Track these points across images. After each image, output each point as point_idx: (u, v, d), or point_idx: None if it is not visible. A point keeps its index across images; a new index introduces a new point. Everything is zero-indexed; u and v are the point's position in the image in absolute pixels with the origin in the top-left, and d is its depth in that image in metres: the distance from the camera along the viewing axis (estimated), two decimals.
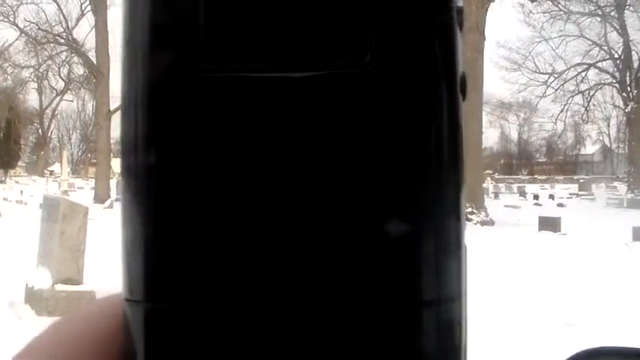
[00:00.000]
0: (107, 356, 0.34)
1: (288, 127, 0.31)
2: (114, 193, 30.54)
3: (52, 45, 44.57)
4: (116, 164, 42.65)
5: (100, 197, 29.90)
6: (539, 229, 18.01)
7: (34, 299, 7.07)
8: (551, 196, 37.62)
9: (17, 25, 44.91)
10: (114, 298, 0.35)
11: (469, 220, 20.24)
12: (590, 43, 48.22)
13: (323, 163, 0.31)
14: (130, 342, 0.32)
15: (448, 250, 0.32)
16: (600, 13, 45.90)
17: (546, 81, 50.48)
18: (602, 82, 50.69)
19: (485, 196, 25.38)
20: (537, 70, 51.13)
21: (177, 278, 0.31)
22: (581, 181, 47.80)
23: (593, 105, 55.32)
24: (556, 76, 50.21)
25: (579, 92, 51.44)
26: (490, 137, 79.41)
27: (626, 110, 45.06)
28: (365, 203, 0.31)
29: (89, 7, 38.00)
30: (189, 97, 0.31)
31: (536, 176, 74.25)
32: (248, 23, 0.31)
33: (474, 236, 16.41)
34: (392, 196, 0.31)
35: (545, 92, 51.28)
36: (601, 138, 78.89)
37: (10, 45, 50.46)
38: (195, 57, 0.31)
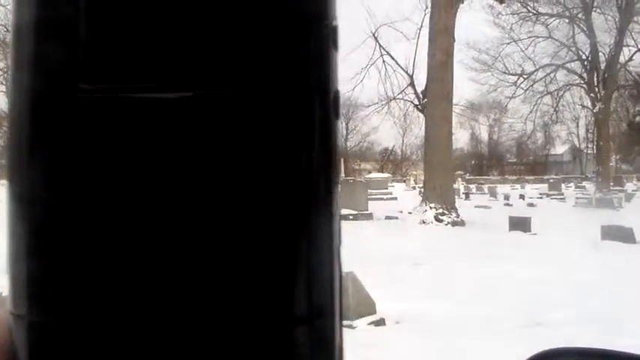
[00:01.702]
0: None
1: (163, 147, 0.31)
2: None
3: None
4: None
5: None
6: (510, 229, 18.11)
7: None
8: (522, 196, 37.90)
9: None
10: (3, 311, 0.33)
11: (440, 221, 20.31)
12: (559, 44, 48.71)
13: (195, 181, 0.31)
14: (14, 356, 0.32)
15: (321, 264, 0.32)
16: (568, 14, 46.43)
17: (516, 82, 50.90)
18: (571, 82, 51.26)
19: (456, 196, 25.49)
20: (507, 71, 51.48)
21: (60, 292, 0.31)
22: (551, 181, 48.22)
23: (562, 105, 55.97)
24: (525, 76, 50.64)
25: (548, 93, 52.01)
26: (460, 138, 80.00)
27: (594, 110, 45.57)
28: (235, 220, 0.31)
29: None
30: (67, 115, 0.31)
31: (506, 176, 74.79)
32: (126, 43, 0.31)
33: (445, 237, 16.46)
34: (261, 214, 0.31)
35: (514, 93, 51.72)
36: (570, 138, 79.94)
37: None
38: (74, 76, 0.31)
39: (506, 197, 36.90)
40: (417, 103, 33.26)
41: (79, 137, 0.31)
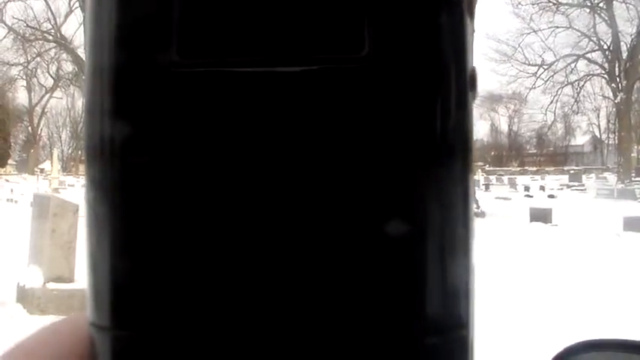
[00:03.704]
0: None
1: (276, 127, 0.28)
2: None
3: (40, 42, 44.56)
4: None
5: None
6: (531, 221, 18.06)
7: (26, 298, 7.02)
8: (542, 188, 37.73)
9: (5, 23, 44.72)
10: (81, 318, 0.31)
11: None
12: (580, 34, 48.36)
13: (318, 167, 0.28)
14: None
15: (456, 266, 0.29)
16: (589, 4, 46.01)
17: (536, 72, 50.61)
18: (592, 73, 50.87)
19: (476, 188, 25.41)
20: (527, 62, 51.25)
21: (147, 304, 0.28)
22: (572, 172, 48.00)
23: (583, 96, 55.65)
24: (545, 67, 50.36)
25: (569, 83, 51.63)
26: (480, 129, 79.71)
27: (616, 101, 45.19)
28: (357, 215, 0.28)
29: (77, 4, 37.68)
30: (160, 95, 0.28)
31: (526, 168, 74.35)
32: (230, 12, 0.28)
33: None
34: (389, 207, 0.28)
35: (534, 84, 51.43)
36: (591, 129, 79.21)
37: None
38: (168, 50, 0.28)
39: (527, 188, 36.75)
40: None
41: (173, 119, 0.28)
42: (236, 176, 0.28)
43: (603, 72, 48.26)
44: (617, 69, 45.40)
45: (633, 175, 43.70)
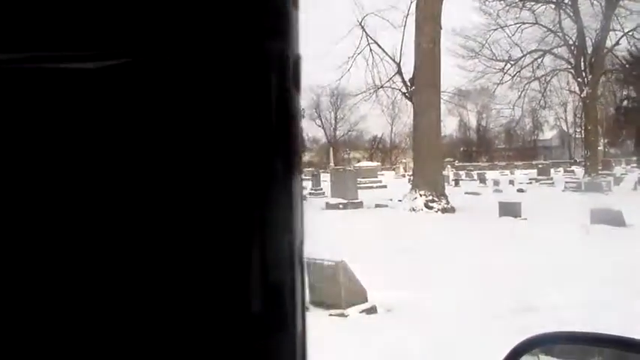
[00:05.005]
0: None
1: (84, 126, 0.26)
2: None
3: None
4: None
5: None
6: (500, 215, 18.16)
7: None
8: (511, 182, 38.04)
9: None
10: None
11: (430, 208, 20.34)
12: (546, 30, 48.70)
13: (124, 168, 0.26)
14: None
15: (278, 260, 0.28)
16: (555, 0, 46.49)
17: (503, 68, 50.83)
18: (558, 68, 51.30)
19: (445, 183, 25.54)
20: (494, 58, 51.43)
21: None
22: (540, 166, 48.39)
23: (550, 91, 55.95)
24: (513, 63, 50.60)
25: (536, 78, 52.00)
26: (449, 125, 79.86)
27: (582, 95, 45.68)
28: (171, 213, 0.26)
29: None
30: None
31: (496, 162, 74.99)
32: (33, 6, 0.26)
33: (435, 225, 16.49)
34: (204, 204, 0.27)
35: (502, 79, 51.65)
36: (558, 123, 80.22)
37: None
38: None
39: (496, 183, 37.01)
40: (405, 91, 33.18)
41: None
42: (46, 177, 0.26)
43: (569, 67, 48.74)
44: (582, 64, 45.86)
45: (600, 168, 44.32)
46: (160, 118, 0.26)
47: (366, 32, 38.00)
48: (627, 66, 49.06)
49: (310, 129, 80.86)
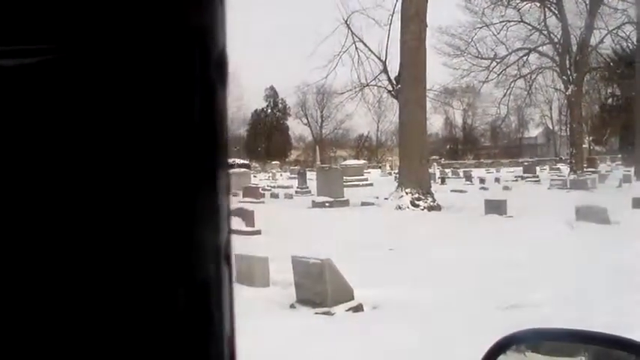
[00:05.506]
0: None
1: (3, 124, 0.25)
2: None
3: None
4: None
5: None
6: (486, 213, 18.21)
7: None
8: (497, 180, 38.11)
9: None
10: None
11: (416, 206, 20.37)
12: (531, 28, 48.93)
13: (43, 165, 0.25)
14: None
15: (201, 265, 0.28)
16: None
17: (489, 66, 51.00)
18: (543, 66, 51.56)
19: (431, 181, 25.59)
20: (480, 56, 51.60)
21: None
22: (526, 163, 48.59)
23: (535, 89, 56.27)
24: (498, 61, 50.77)
25: (521, 76, 52.22)
26: (435, 123, 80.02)
27: (567, 93, 45.93)
28: (87, 212, 0.26)
29: None
30: None
31: (482, 160, 75.16)
32: None
33: (421, 222, 16.51)
34: (123, 205, 0.26)
35: (487, 77, 51.83)
36: (543, 121, 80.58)
37: None
38: None
39: (482, 181, 37.09)
40: (391, 89, 33.20)
41: None
42: None
43: (554, 65, 48.98)
44: (567, 62, 46.10)
45: (585, 165, 44.51)
46: (80, 116, 0.25)
47: (351, 31, 38.00)
48: (611, 64, 49.38)
49: (296, 127, 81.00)
